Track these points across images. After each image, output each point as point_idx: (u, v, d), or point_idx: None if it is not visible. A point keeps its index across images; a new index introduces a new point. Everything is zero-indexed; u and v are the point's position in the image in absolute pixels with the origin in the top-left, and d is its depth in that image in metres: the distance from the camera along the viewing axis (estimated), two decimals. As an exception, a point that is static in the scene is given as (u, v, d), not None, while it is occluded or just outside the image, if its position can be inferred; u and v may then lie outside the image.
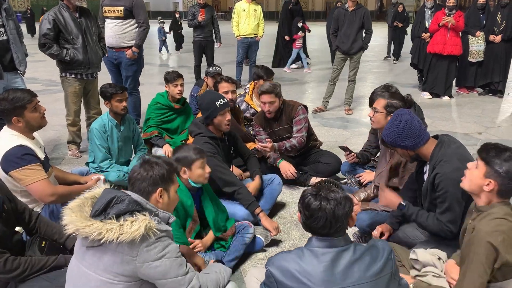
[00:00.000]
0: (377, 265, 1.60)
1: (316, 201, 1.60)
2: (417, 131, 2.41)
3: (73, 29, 4.38)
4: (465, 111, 6.96)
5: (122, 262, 1.67)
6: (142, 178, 1.84)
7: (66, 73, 4.55)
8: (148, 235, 1.67)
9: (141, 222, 1.65)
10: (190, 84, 6.70)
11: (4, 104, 2.68)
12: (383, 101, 3.01)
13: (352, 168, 3.78)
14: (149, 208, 1.82)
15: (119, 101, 3.67)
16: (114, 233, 1.62)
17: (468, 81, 8.13)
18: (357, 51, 6.40)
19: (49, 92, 7.94)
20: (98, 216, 1.70)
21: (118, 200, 1.72)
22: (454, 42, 7.37)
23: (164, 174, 1.88)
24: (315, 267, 1.57)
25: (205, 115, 3.14)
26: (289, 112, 3.93)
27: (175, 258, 1.77)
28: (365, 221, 2.95)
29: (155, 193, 1.86)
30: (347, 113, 6.72)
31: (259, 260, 2.89)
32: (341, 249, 1.60)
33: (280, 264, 1.62)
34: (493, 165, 1.89)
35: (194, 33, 8.19)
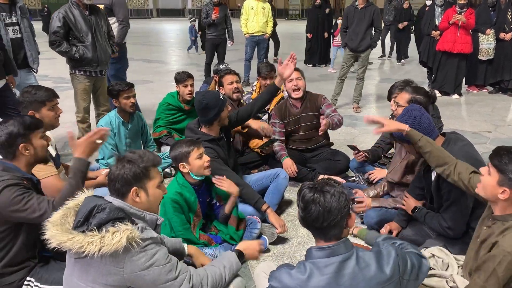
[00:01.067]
0: (384, 272, 1.56)
1: (310, 193, 1.59)
2: (426, 128, 2.41)
3: (83, 26, 4.43)
4: (475, 109, 6.91)
5: (109, 273, 1.64)
6: (115, 179, 1.77)
7: (75, 70, 4.60)
8: (131, 245, 1.62)
9: (122, 233, 1.59)
10: (199, 82, 6.73)
11: (26, 96, 2.78)
12: (406, 95, 2.94)
13: (361, 165, 3.77)
14: (134, 212, 1.77)
15: (126, 98, 3.70)
16: (95, 246, 1.57)
17: (478, 79, 8.07)
18: (365, 49, 6.40)
19: (59, 89, 7.93)
20: (81, 227, 1.65)
21: (99, 209, 1.66)
22: (464, 40, 7.32)
23: (136, 171, 1.77)
24: (318, 281, 1.53)
25: (214, 112, 3.13)
26: (314, 100, 4.04)
27: (164, 265, 1.71)
28: (373, 218, 2.96)
29: (129, 193, 1.78)
30: (355, 110, 6.72)
31: (267, 256, 2.90)
32: (343, 257, 1.56)
33: (282, 280, 1.58)
34: (507, 172, 1.78)
35: (208, 31, 8.22)
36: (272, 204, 3.29)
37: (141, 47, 16.09)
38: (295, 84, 3.92)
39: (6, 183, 2.01)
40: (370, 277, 1.54)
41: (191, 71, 4.71)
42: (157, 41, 19.06)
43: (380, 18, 6.42)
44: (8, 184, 2.01)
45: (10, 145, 2.14)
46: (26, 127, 2.19)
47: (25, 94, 2.79)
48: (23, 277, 2.14)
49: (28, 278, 2.15)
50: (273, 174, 3.47)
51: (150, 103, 6.88)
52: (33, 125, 2.23)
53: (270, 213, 3.01)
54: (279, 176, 3.43)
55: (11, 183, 2.02)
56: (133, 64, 11.33)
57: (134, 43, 17.15)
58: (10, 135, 2.14)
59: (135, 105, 3.84)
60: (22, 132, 2.16)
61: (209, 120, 3.17)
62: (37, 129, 2.25)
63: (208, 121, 3.18)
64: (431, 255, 2.15)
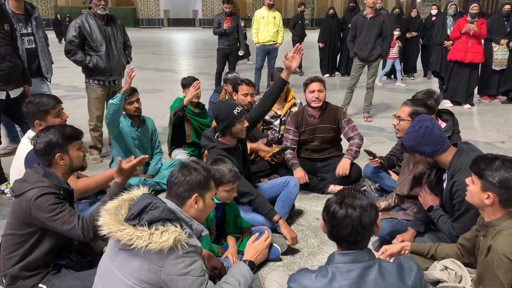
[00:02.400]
0: (406, 284, 1.55)
1: (342, 209, 1.58)
2: (437, 138, 2.39)
3: (98, 36, 4.50)
4: (487, 120, 6.83)
5: (149, 270, 1.68)
6: (179, 183, 1.86)
7: (89, 79, 4.69)
8: (176, 247, 1.67)
9: (171, 234, 1.66)
10: (209, 91, 6.75)
11: (29, 107, 2.82)
12: (407, 108, 2.98)
13: (375, 171, 3.74)
14: (183, 217, 1.83)
15: (129, 103, 3.73)
16: (143, 241, 1.63)
17: (490, 89, 7.98)
18: (375, 58, 6.39)
19: (71, 98, 8.09)
20: (132, 220, 1.72)
21: (153, 207, 1.73)
22: (476, 50, 7.27)
23: (201, 180, 1.88)
24: (340, 285, 1.52)
25: (223, 125, 3.11)
26: (334, 112, 4.01)
27: (198, 277, 1.75)
28: (385, 229, 2.92)
29: (191, 198, 1.86)
30: (366, 120, 6.68)
31: (277, 267, 2.87)
32: (366, 264, 1.56)
33: (303, 282, 1.58)
34: (486, 177, 1.87)
35: (219, 41, 8.27)
36: (283, 213, 3.26)
37: (152, 56, 16.24)
38: (316, 97, 3.87)
39: (46, 190, 2.08)
40: (392, 286, 1.53)
41: (201, 80, 4.73)
42: (168, 51, 19.23)
43: (389, 26, 6.42)
44: (47, 191, 2.07)
45: (48, 153, 2.21)
46: (66, 137, 2.24)
47: (29, 105, 2.82)
48: (35, 283, 2.16)
49: (40, 285, 2.17)
50: (283, 182, 3.43)
51: (160, 111, 6.91)
52: (72, 136, 2.29)
53: (282, 224, 2.98)
54: (289, 184, 3.39)
55: (50, 191, 2.08)
56: (144, 73, 11.49)
57: (145, 52, 17.33)
58: (49, 144, 2.20)
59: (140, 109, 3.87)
60: (60, 142, 2.21)
61: (220, 131, 3.17)
62: (75, 140, 2.31)
63: (220, 131, 3.18)
64: (444, 267, 2.11)
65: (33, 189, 2.07)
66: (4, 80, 3.72)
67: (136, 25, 39.36)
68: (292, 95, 4.60)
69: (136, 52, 6.08)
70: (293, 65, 3.32)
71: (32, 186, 2.08)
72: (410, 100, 3.10)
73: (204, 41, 24.01)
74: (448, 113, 3.57)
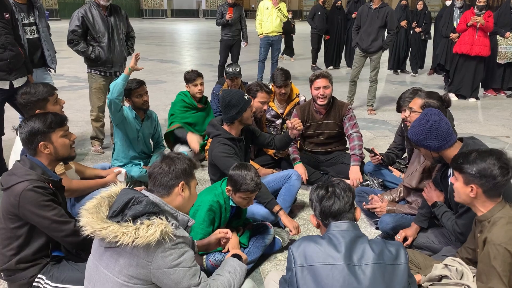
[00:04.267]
0: (391, 252, 1.64)
1: (323, 190, 1.79)
2: (444, 133, 2.35)
3: (101, 27, 4.47)
4: (492, 114, 6.77)
5: (137, 265, 1.66)
6: (164, 172, 1.84)
7: (91, 70, 4.67)
8: (164, 240, 1.65)
9: (157, 227, 1.62)
10: (212, 83, 6.71)
11: (27, 98, 2.77)
12: (420, 100, 2.91)
13: (376, 168, 3.71)
14: (168, 210, 1.81)
15: (139, 96, 3.70)
16: (129, 237, 1.59)
17: (495, 82, 7.91)
18: (376, 50, 6.32)
19: (74, 89, 8.06)
20: (116, 217, 1.68)
21: (136, 201, 1.70)
22: (482, 43, 7.19)
23: (186, 168, 1.87)
24: (335, 247, 1.63)
25: (236, 110, 3.08)
26: (339, 108, 3.93)
27: (190, 267, 1.73)
28: (388, 224, 2.89)
29: (178, 186, 1.85)
30: (370, 113, 6.64)
31: (279, 261, 2.86)
32: (357, 234, 1.69)
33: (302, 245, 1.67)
34: (466, 170, 1.94)
35: (222, 32, 8.21)
36: (285, 207, 3.24)
37: (155, 47, 16.17)
38: (321, 93, 3.80)
39: (33, 183, 2.05)
40: (378, 252, 1.62)
41: (204, 71, 4.70)
42: (171, 41, 19.15)
43: (394, 19, 6.34)
44: (35, 185, 2.05)
45: (31, 142, 2.18)
46: (47, 125, 2.20)
47: (25, 96, 2.76)
48: (34, 274, 2.15)
49: (39, 275, 2.16)
50: (285, 176, 3.41)
51: (163, 103, 6.89)
52: (54, 123, 2.23)
53: (283, 215, 2.96)
54: (291, 178, 3.37)
55: (38, 185, 2.06)
56: (147, 64, 11.45)
57: (149, 43, 17.26)
58: (31, 132, 2.17)
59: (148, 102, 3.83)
60: (41, 130, 2.18)
61: (230, 117, 3.13)
62: (59, 128, 2.25)
63: (230, 118, 3.14)
64: (444, 265, 2.10)
65: (21, 182, 2.05)
66: (7, 70, 3.69)
67: (140, 15, 39.22)
68: (295, 93, 4.54)
69: (139, 43, 6.05)
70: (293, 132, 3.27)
71: (20, 179, 2.06)
72: (425, 92, 3.00)
73: (207, 32, 23.91)
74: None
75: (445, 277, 2.04)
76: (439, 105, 2.87)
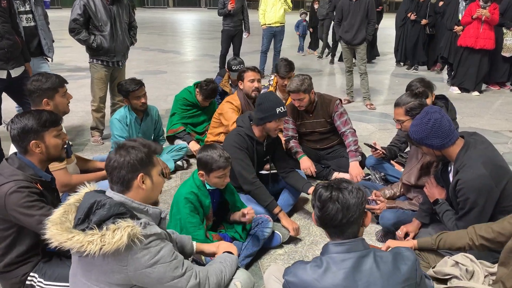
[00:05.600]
0: (400, 271, 1.51)
1: (326, 191, 1.58)
2: (446, 131, 2.30)
3: (103, 16, 4.42)
4: (496, 108, 6.71)
5: (113, 271, 1.58)
6: (119, 166, 1.68)
7: (93, 59, 4.61)
8: (133, 242, 1.55)
9: (123, 231, 1.52)
10: (213, 73, 6.66)
11: (37, 85, 2.73)
12: (400, 110, 2.92)
13: (378, 162, 3.67)
14: (136, 206, 1.70)
15: (137, 98, 3.65)
16: (96, 245, 1.50)
17: (499, 76, 7.82)
18: (360, 42, 6.34)
19: (74, 78, 8.01)
20: (81, 225, 1.58)
21: (99, 205, 1.59)
22: (487, 36, 7.10)
23: (142, 157, 1.71)
24: (335, 274, 1.49)
25: (261, 115, 3.01)
26: (326, 106, 3.86)
27: (170, 262, 1.65)
28: (390, 219, 2.86)
29: (136, 179, 1.70)
30: (369, 108, 6.55)
31: (278, 255, 2.83)
32: (361, 254, 1.52)
33: (298, 274, 1.55)
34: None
35: (224, 22, 8.13)
36: (287, 205, 3.21)
37: (157, 37, 16.09)
38: (297, 105, 3.75)
39: (19, 184, 1.96)
40: (387, 275, 1.49)
41: (205, 62, 4.67)
42: (173, 31, 19.05)
43: (374, 10, 6.38)
44: (21, 186, 1.96)
45: (22, 140, 2.08)
46: (41, 123, 2.10)
47: (36, 83, 2.74)
48: (27, 272, 2.11)
49: (31, 273, 2.12)
50: None
51: (163, 93, 6.85)
52: (49, 122, 2.14)
53: (282, 217, 2.93)
54: None
55: (23, 186, 1.97)
56: (148, 54, 11.39)
57: (150, 33, 17.17)
58: (23, 130, 2.07)
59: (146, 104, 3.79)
60: (35, 128, 2.08)
61: (255, 119, 3.07)
62: (53, 127, 2.16)
63: (255, 120, 3.07)
64: (455, 262, 2.04)
65: (7, 183, 1.97)
66: (5, 59, 3.65)
67: (141, 5, 39.04)
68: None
69: (141, 33, 5.99)
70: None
71: (6, 180, 1.98)
72: (398, 100, 2.99)
73: (209, 22, 23.77)
74: (442, 98, 3.49)
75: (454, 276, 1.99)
76: (418, 102, 2.86)
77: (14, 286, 2.13)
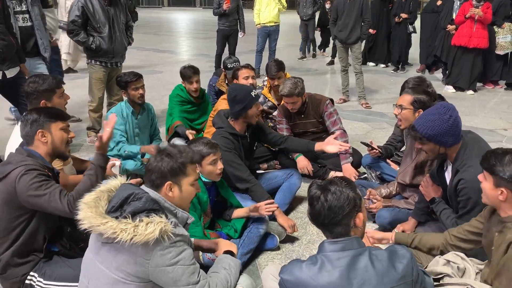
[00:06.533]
0: (396, 270, 1.52)
1: (315, 189, 1.60)
2: (460, 130, 2.32)
3: (101, 17, 4.42)
4: (490, 106, 6.75)
5: (136, 263, 1.63)
6: (152, 170, 1.79)
7: (91, 60, 4.62)
8: (163, 238, 1.61)
9: (156, 225, 1.59)
10: (209, 73, 6.65)
11: (34, 87, 2.74)
12: (409, 97, 2.90)
13: (374, 161, 3.68)
14: (167, 206, 1.77)
15: (135, 89, 3.66)
16: (128, 234, 1.56)
17: (493, 75, 7.85)
18: (355, 41, 6.35)
19: (69, 78, 7.95)
20: (114, 212, 1.65)
21: (136, 198, 1.66)
22: (480, 35, 7.13)
23: (173, 166, 1.78)
24: (330, 273, 1.50)
25: (240, 106, 3.03)
26: (316, 106, 3.88)
27: (188, 266, 1.70)
28: (386, 218, 2.88)
29: (163, 186, 1.79)
30: (365, 107, 6.57)
31: (275, 255, 2.84)
32: (356, 252, 1.53)
33: (293, 272, 1.56)
34: (498, 173, 1.81)
35: (219, 22, 8.12)
36: (283, 204, 3.22)
37: (152, 36, 16.05)
38: (290, 108, 3.81)
39: (28, 167, 2.05)
40: (382, 273, 1.50)
41: (200, 62, 4.67)
42: (168, 31, 19.01)
43: (369, 9, 6.40)
44: (29, 168, 2.04)
45: (30, 129, 2.19)
46: (49, 115, 2.22)
47: (33, 85, 2.74)
48: (26, 272, 2.13)
49: (31, 273, 2.13)
50: (286, 174, 3.40)
51: (159, 94, 6.83)
52: (56, 115, 2.25)
53: (278, 214, 2.94)
54: (293, 176, 3.36)
55: (32, 168, 2.05)
56: (143, 54, 11.36)
57: (145, 32, 17.12)
58: (32, 120, 2.19)
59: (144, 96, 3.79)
60: (42, 118, 2.19)
61: (234, 113, 3.08)
62: (60, 120, 2.26)
63: (234, 114, 3.09)
64: (446, 261, 2.07)
65: (16, 168, 2.05)
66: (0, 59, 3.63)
67: (136, 4, 38.85)
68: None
69: (136, 32, 5.97)
70: (328, 149, 3.22)
71: (15, 166, 2.06)
72: (411, 89, 3.01)
73: (204, 22, 23.73)
74: (438, 97, 3.51)
75: (446, 275, 2.01)
76: (428, 99, 2.86)
77: (14, 285, 2.15)
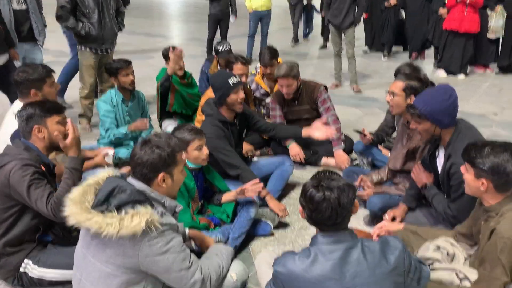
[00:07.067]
0: (388, 261, 1.55)
1: (319, 192, 1.56)
2: (456, 112, 2.39)
3: (90, 3, 4.37)
4: (481, 91, 6.78)
5: (124, 255, 1.65)
6: (142, 164, 1.75)
7: (82, 46, 4.58)
8: (150, 229, 1.62)
9: (141, 217, 1.60)
10: (201, 59, 6.60)
11: (24, 76, 2.73)
12: (401, 83, 2.93)
13: (366, 147, 3.72)
14: (154, 196, 1.77)
15: (125, 75, 3.66)
16: (114, 228, 1.58)
17: (485, 58, 7.85)
18: (348, 26, 6.33)
19: (59, 64, 7.80)
20: (100, 206, 1.65)
21: (120, 190, 1.67)
22: (471, 19, 7.12)
23: (165, 158, 1.77)
24: (323, 265, 1.54)
25: (218, 94, 3.07)
26: (310, 93, 3.90)
27: (179, 252, 1.72)
28: (377, 204, 2.92)
29: (157, 178, 1.78)
30: (355, 91, 6.58)
31: (269, 241, 2.89)
32: (349, 245, 1.56)
33: (286, 264, 1.59)
34: (478, 165, 1.88)
35: (210, 6, 8.02)
36: (276, 191, 3.26)
37: (143, 20, 15.81)
38: (285, 91, 3.81)
39: (23, 162, 2.06)
40: (374, 265, 1.53)
41: (192, 46, 4.64)
42: (159, 14, 18.75)
43: None
44: (25, 164, 2.06)
45: (26, 124, 2.20)
46: (44, 109, 2.21)
47: (22, 74, 2.74)
48: (20, 260, 2.16)
49: (25, 260, 2.17)
50: (278, 162, 3.43)
51: (150, 79, 6.74)
52: (52, 109, 2.25)
53: (269, 199, 2.97)
54: (285, 163, 3.40)
55: (27, 163, 2.07)
56: (134, 39, 11.20)
57: (136, 16, 16.85)
58: (27, 116, 2.20)
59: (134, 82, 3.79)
60: (38, 113, 2.19)
61: (216, 100, 3.12)
62: (56, 114, 2.25)
63: (216, 101, 3.12)
64: (436, 247, 2.12)
65: (12, 161, 2.06)
66: None
67: (126, -14, 38.24)
68: None
69: (127, 16, 5.89)
70: (315, 135, 3.29)
71: (11, 159, 2.07)
72: (403, 75, 3.03)
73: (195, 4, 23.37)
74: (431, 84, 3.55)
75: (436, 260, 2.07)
76: (420, 86, 2.89)
77: (9, 274, 2.18)
